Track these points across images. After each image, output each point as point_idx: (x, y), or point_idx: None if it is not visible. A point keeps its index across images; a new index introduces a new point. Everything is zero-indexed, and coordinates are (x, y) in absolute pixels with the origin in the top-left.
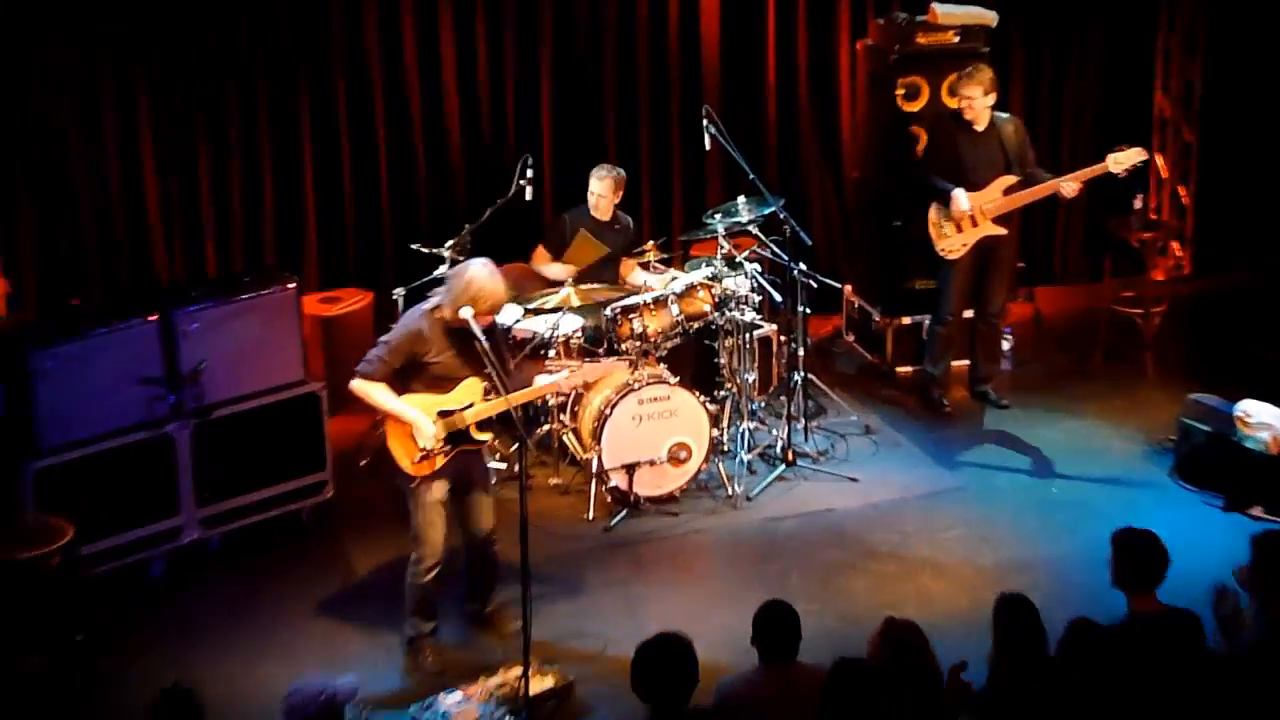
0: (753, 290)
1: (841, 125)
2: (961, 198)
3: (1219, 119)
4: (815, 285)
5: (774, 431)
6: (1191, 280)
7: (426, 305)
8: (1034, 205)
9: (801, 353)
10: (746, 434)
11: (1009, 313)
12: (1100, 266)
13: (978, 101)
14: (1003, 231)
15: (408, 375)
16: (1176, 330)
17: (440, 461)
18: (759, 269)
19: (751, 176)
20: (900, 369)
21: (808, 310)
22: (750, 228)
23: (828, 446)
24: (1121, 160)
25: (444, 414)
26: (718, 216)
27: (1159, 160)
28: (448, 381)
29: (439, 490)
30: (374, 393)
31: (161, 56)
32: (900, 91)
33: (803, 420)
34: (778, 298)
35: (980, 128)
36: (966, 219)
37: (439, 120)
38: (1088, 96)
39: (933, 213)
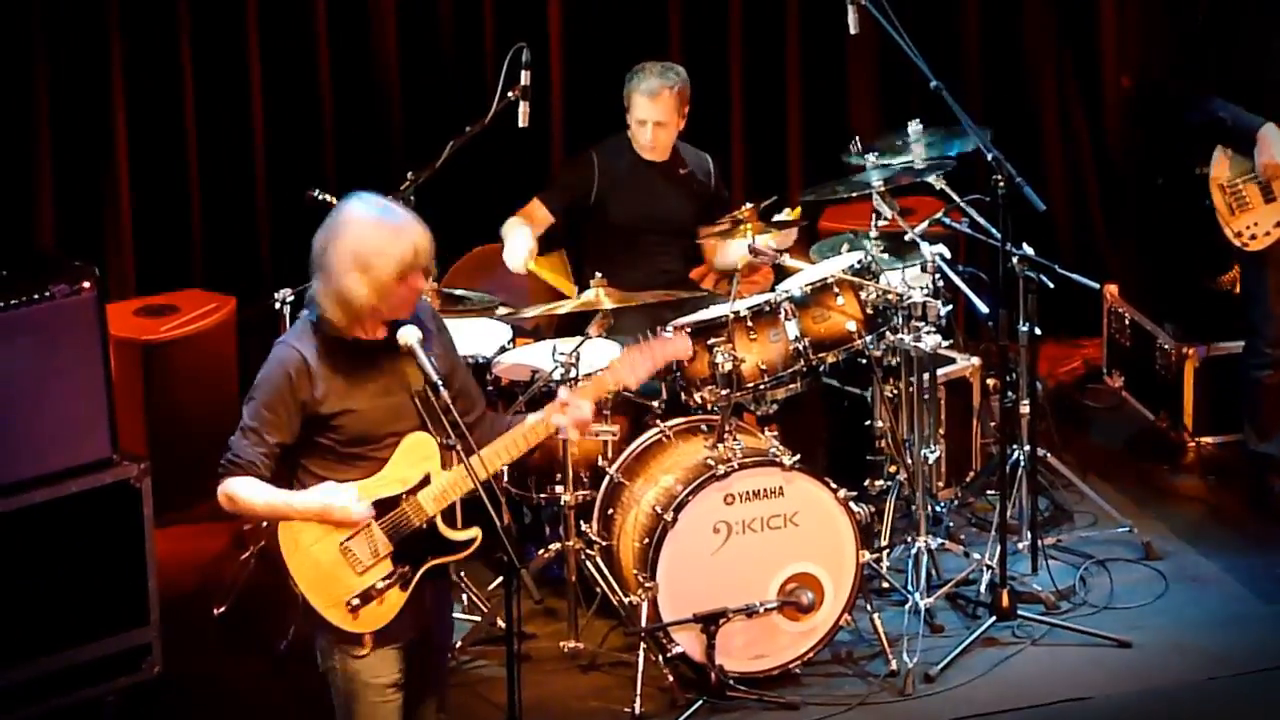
0: (937, 295)
1: None
2: (1276, 137)
3: None
4: (1052, 285)
5: (977, 556)
6: None
7: (301, 318)
8: None
9: (1027, 410)
10: (926, 560)
11: None
12: None
13: None
14: None
15: (302, 455)
16: None
17: (395, 604)
18: (947, 255)
19: (935, 85)
20: (1209, 439)
21: (1038, 331)
22: (932, 180)
23: (1074, 583)
24: None
25: (383, 506)
26: (870, 159)
27: None
28: (372, 446)
29: (388, 666)
30: (241, 492)
31: None
32: None
33: (1029, 535)
34: (982, 308)
35: None
36: None
37: (358, 2)
38: None
39: (1219, 165)
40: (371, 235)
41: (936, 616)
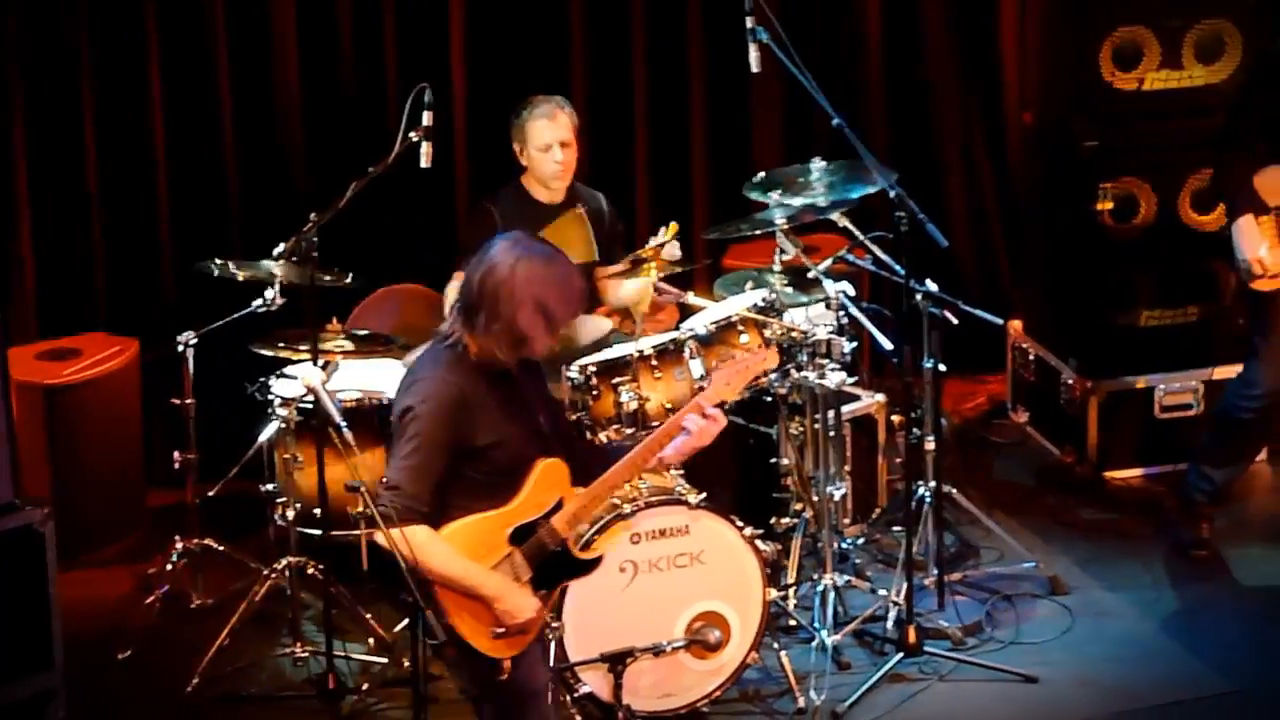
0: (841, 332)
1: (999, 29)
2: (1250, 235)
3: None
4: (956, 321)
5: (883, 592)
6: None
7: (439, 346)
8: None
9: (932, 446)
10: (832, 597)
11: None
12: None
13: None
14: None
15: (445, 484)
16: None
17: (535, 629)
18: (851, 292)
19: (837, 122)
20: (1115, 473)
21: (943, 367)
22: (835, 218)
23: (981, 619)
24: None
25: (521, 536)
26: (774, 196)
27: None
28: (516, 474)
29: (540, 675)
30: (430, 547)
31: None
32: None
33: (936, 571)
34: (886, 345)
35: None
36: (1261, 270)
37: (260, 42)
38: None
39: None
40: (551, 281)
41: (844, 653)
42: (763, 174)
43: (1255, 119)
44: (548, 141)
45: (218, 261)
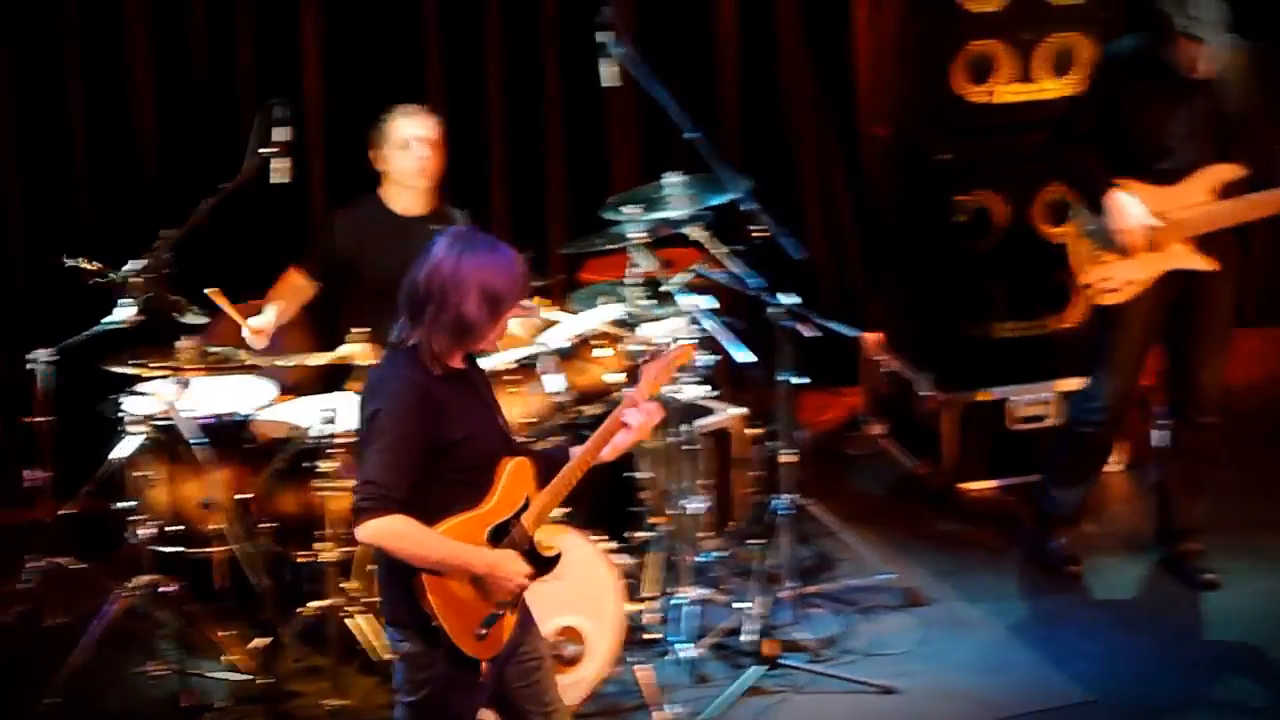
0: (696, 345)
1: (853, 43)
2: (1126, 203)
3: None
4: (812, 334)
5: (741, 605)
6: None
7: (395, 353)
8: None
9: (789, 458)
10: (690, 611)
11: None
12: None
13: (1209, 34)
14: (1210, 265)
15: (421, 487)
16: None
17: (509, 627)
18: (707, 306)
19: (691, 135)
20: (970, 485)
21: (799, 380)
22: (691, 231)
23: (839, 631)
24: None
25: (497, 535)
26: (629, 211)
27: None
28: (486, 470)
29: (484, 693)
30: (412, 531)
31: None
32: None
33: (793, 584)
34: (743, 358)
35: (1200, 74)
36: (1140, 240)
37: (113, 62)
38: None
39: (1078, 218)
40: (496, 266)
41: (702, 667)
42: (619, 195)
43: (1090, 119)
44: (407, 137)
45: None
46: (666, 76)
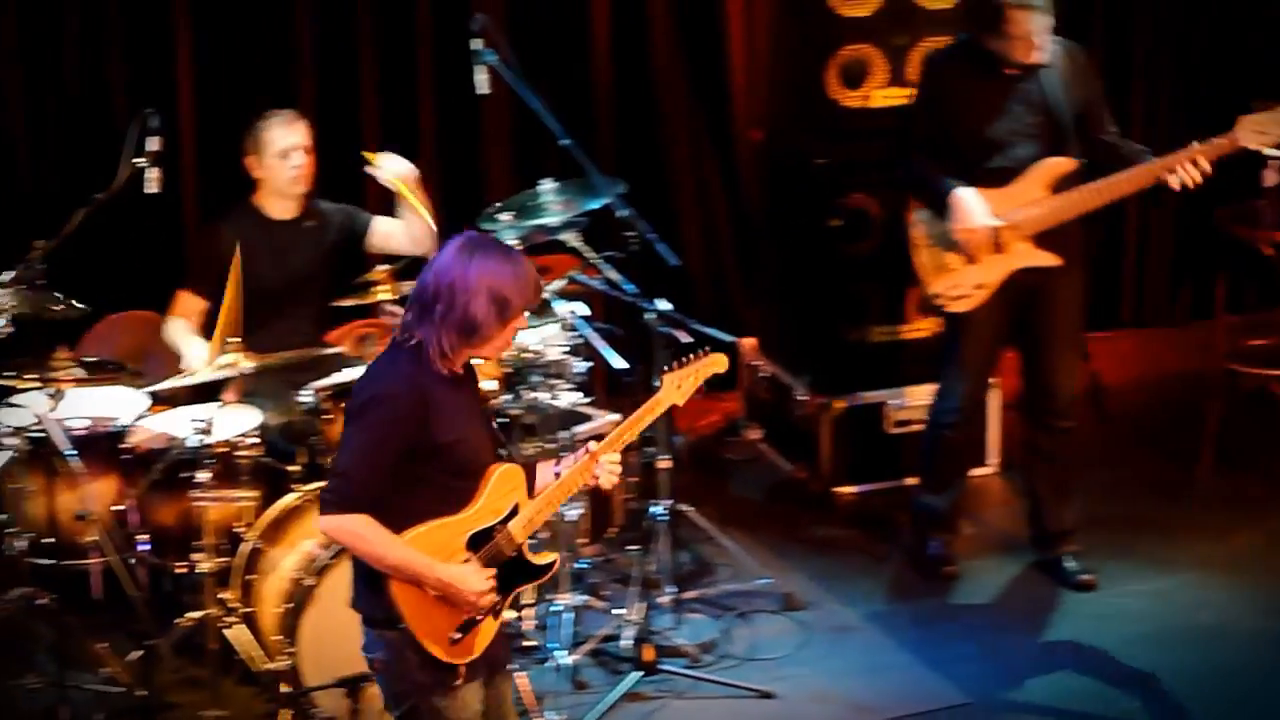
0: (574, 352)
1: (727, 48)
2: (969, 203)
3: None
4: (687, 340)
5: (619, 611)
6: None
7: (396, 350)
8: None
9: (666, 464)
10: (569, 617)
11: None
12: (1205, 296)
13: (1035, 21)
14: (1053, 260)
15: (403, 490)
16: None
17: (489, 633)
18: (583, 312)
19: (565, 142)
20: (847, 489)
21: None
22: (566, 238)
23: (717, 636)
24: (1267, 128)
25: (477, 542)
26: (504, 218)
27: None
28: (474, 476)
29: (476, 697)
30: (372, 536)
31: None
32: None
33: (671, 589)
34: (618, 364)
35: (1027, 66)
36: (983, 242)
37: None
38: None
39: (918, 229)
40: (506, 270)
41: (580, 673)
42: (495, 203)
43: (922, 126)
44: (285, 147)
45: None
46: (540, 83)
